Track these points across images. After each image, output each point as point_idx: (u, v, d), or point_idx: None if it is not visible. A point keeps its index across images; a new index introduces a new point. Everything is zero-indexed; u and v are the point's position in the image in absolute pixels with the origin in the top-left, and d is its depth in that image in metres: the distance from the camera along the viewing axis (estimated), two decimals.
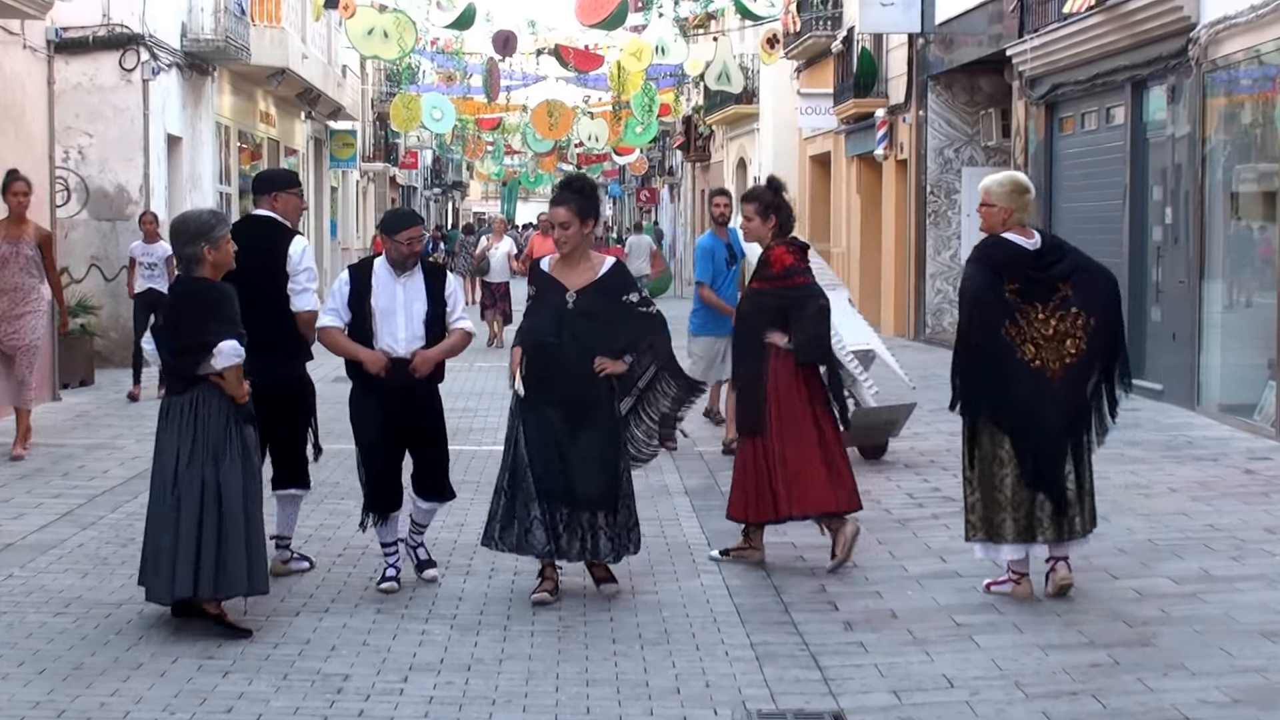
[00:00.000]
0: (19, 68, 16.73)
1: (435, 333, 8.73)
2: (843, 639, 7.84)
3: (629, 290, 8.56)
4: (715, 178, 50.13)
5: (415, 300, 8.69)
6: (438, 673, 7.24)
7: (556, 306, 8.45)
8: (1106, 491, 11.24)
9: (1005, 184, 8.50)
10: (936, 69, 25.80)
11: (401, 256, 8.65)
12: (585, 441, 8.38)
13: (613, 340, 8.44)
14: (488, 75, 34.92)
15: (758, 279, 9.48)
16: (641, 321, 8.58)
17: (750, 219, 9.47)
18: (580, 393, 8.37)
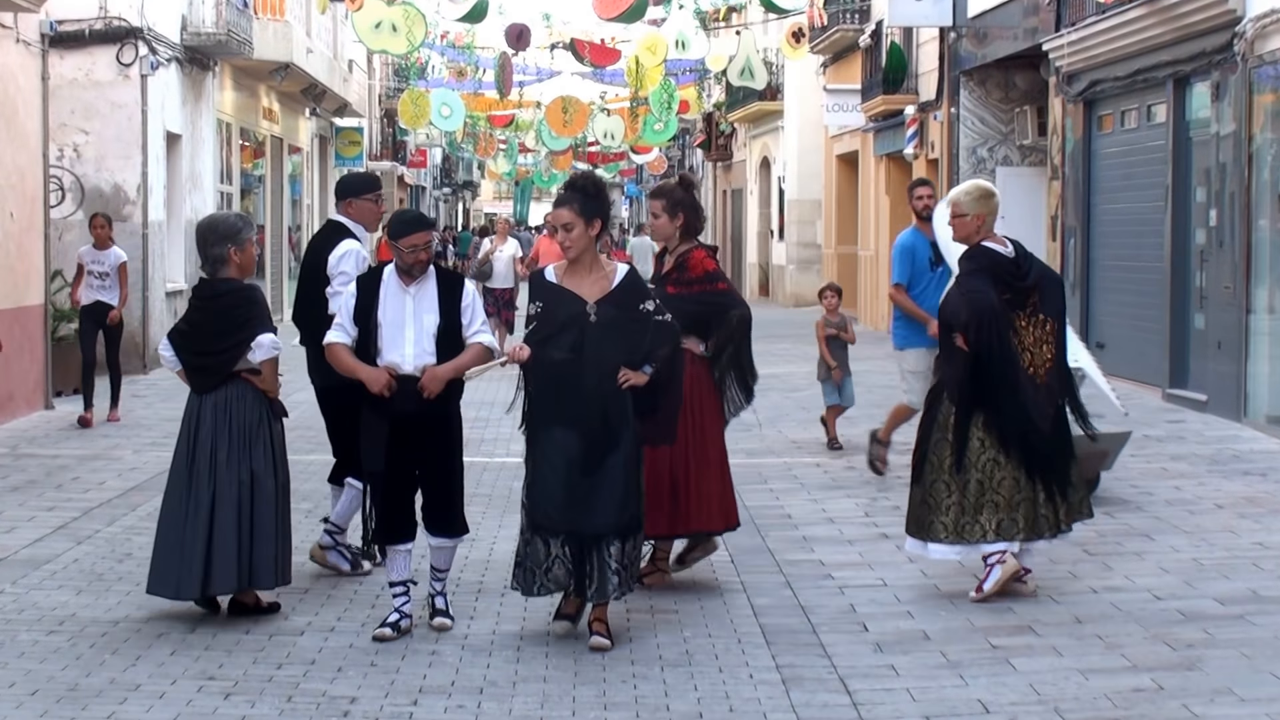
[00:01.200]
0: (12, 62, 16.76)
1: (449, 348, 8.19)
2: (873, 661, 7.81)
3: (645, 298, 8.22)
4: (737, 177, 50.19)
5: (426, 312, 8.19)
6: (449, 695, 7.22)
7: (576, 319, 8.03)
8: (1150, 507, 11.21)
9: (973, 192, 9.12)
10: (969, 64, 25.76)
11: (408, 265, 8.16)
12: (610, 465, 7.98)
13: (633, 352, 8.09)
14: (500, 70, 34.98)
15: (673, 283, 9.18)
16: (660, 331, 8.19)
17: (657, 216, 9.29)
18: (602, 412, 7.99)
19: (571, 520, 7.97)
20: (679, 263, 9.28)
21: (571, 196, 8.21)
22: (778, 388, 20.33)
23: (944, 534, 8.89)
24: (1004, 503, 8.78)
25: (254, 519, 8.41)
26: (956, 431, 8.86)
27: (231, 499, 8.37)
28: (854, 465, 13.84)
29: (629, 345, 8.08)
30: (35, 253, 17.57)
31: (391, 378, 8.09)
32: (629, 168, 68.27)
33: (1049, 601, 8.87)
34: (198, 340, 8.53)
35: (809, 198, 39.47)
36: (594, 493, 7.96)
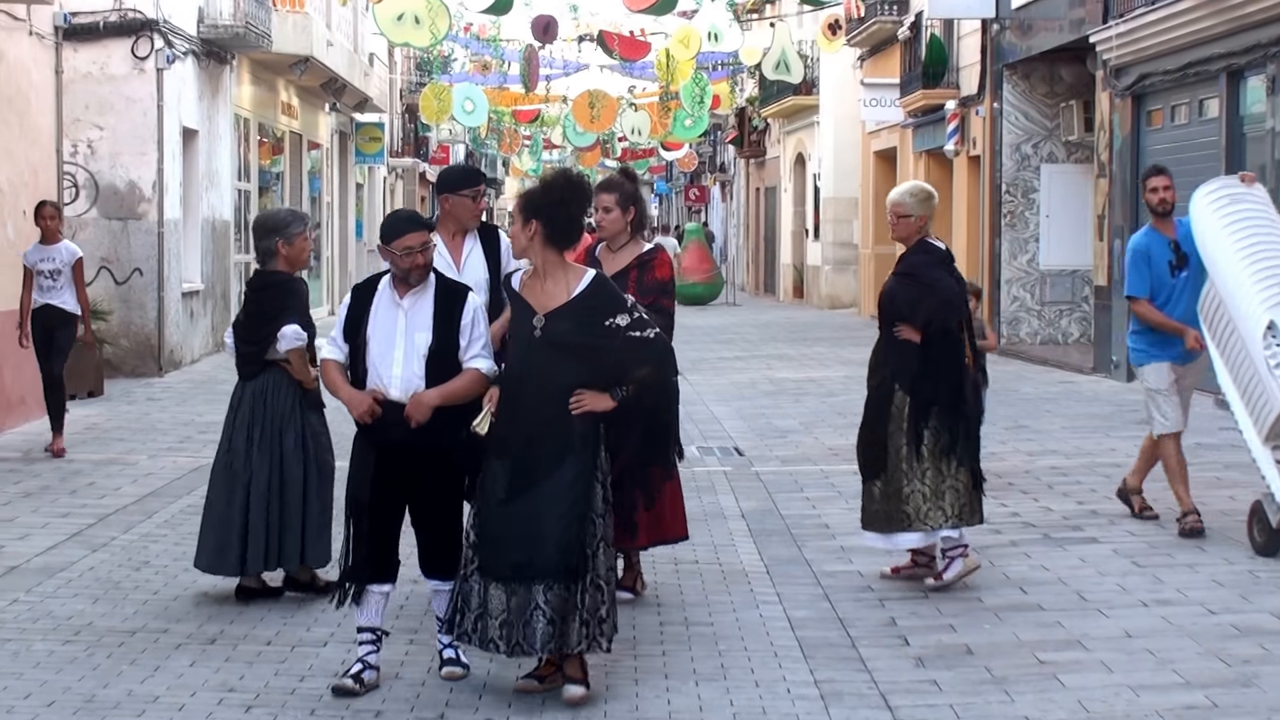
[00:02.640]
0: (24, 55, 16.84)
1: (443, 373, 7.49)
2: (914, 677, 7.80)
3: (615, 310, 7.25)
4: (770, 175, 50.18)
5: (419, 329, 7.52)
6: (475, 709, 7.24)
7: (522, 333, 7.28)
8: (1203, 518, 11.16)
9: (918, 193, 9.70)
10: (1013, 57, 25.72)
11: (402, 271, 7.52)
12: (541, 498, 7.14)
13: (597, 374, 7.22)
14: (526, 63, 35.06)
15: (636, 286, 8.85)
16: (637, 349, 7.25)
17: (609, 210, 9.10)
18: (539, 443, 7.16)
19: (487, 556, 7.22)
20: (643, 263, 9.08)
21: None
22: (814, 392, 20.34)
23: (908, 523, 9.31)
24: (963, 489, 9.34)
25: (282, 502, 9.06)
26: (912, 421, 9.30)
27: (262, 482, 9.05)
28: None
29: (590, 365, 7.19)
30: None
31: (376, 403, 7.47)
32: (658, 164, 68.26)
33: (1098, 615, 8.86)
34: (245, 329, 9.25)
35: (845, 196, 39.44)
36: (516, 527, 7.14)
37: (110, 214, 21.56)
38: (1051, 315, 26.11)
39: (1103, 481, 13.10)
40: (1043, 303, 26.10)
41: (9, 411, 16.17)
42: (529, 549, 7.11)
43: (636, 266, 9.05)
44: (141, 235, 21.49)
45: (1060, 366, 23.04)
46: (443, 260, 8.68)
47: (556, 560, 7.10)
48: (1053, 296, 26.04)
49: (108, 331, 20.55)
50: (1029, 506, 12.14)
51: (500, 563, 7.17)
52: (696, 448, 15.44)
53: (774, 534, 11.28)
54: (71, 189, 20.66)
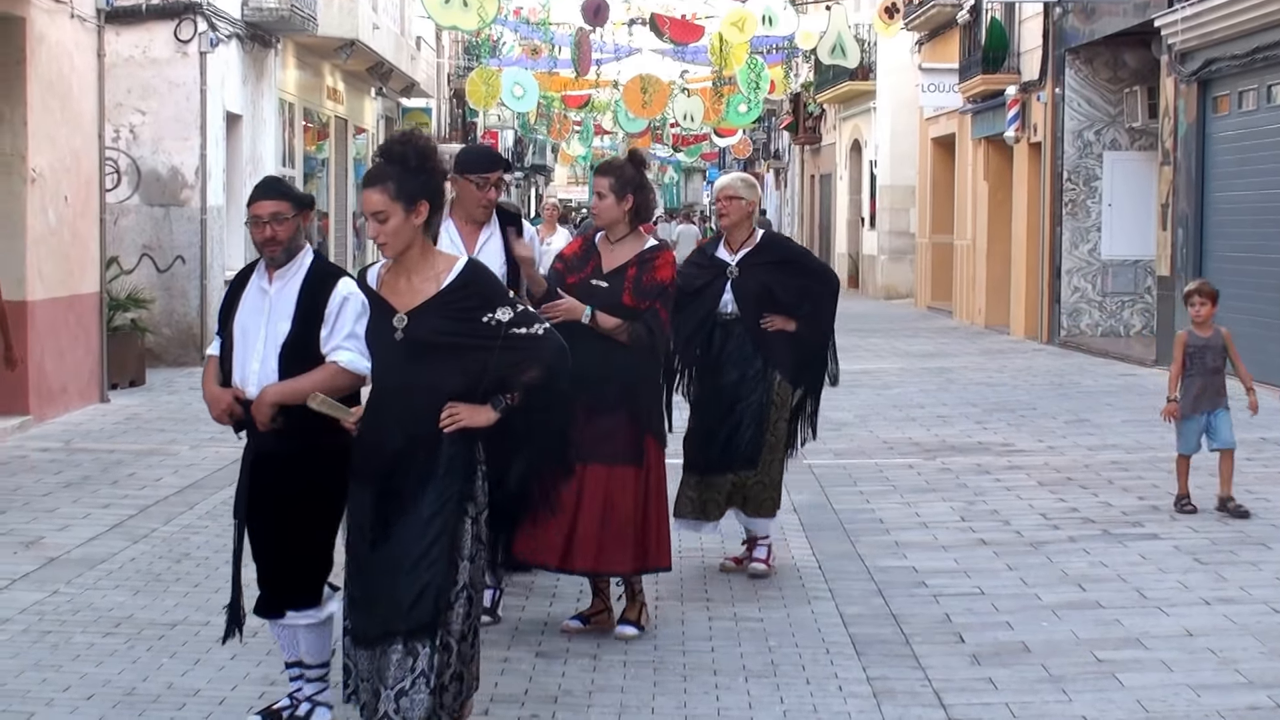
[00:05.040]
0: (66, 39, 16.94)
1: (304, 367, 6.56)
2: (969, 675, 7.79)
3: (494, 303, 6.13)
4: (826, 162, 50.11)
5: (281, 317, 6.65)
6: (522, 705, 7.26)
7: (384, 339, 6.19)
8: (1267, 514, 11.12)
9: (748, 179, 9.86)
10: (1075, 41, 25.62)
11: (256, 244, 6.73)
12: (396, 538, 6.05)
13: (472, 380, 6.11)
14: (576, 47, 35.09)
15: (633, 288, 8.27)
16: (520, 349, 6.13)
17: (602, 196, 8.36)
18: (402, 469, 6.08)
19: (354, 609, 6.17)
20: (643, 260, 8.35)
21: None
22: (868, 384, 20.31)
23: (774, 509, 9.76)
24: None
25: None
26: (798, 410, 9.86)
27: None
28: (949, 467, 13.81)
29: (464, 370, 6.09)
30: (90, 239, 17.75)
31: (235, 402, 6.66)
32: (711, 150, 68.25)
33: (1158, 613, 8.83)
34: None
35: (902, 184, 39.35)
36: (377, 575, 6.09)
37: (152, 200, 21.67)
38: (1113, 306, 26.01)
39: (1165, 477, 13.02)
40: (1104, 294, 26.00)
41: (50, 401, 16.29)
42: (387, 603, 6.01)
43: (635, 264, 8.34)
44: (184, 222, 21.60)
45: (1122, 359, 22.95)
46: (455, 248, 8.24)
47: (418, 616, 5.97)
48: (1115, 287, 25.94)
49: (149, 320, 20.67)
50: (1088, 501, 12.10)
51: (365, 618, 6.09)
52: None
53: (827, 529, 11.28)
54: (113, 175, 20.76)
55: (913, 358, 24.31)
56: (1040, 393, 19.30)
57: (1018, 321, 28.10)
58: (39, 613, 8.79)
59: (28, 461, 13.81)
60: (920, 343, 27.12)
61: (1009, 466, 13.79)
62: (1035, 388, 19.88)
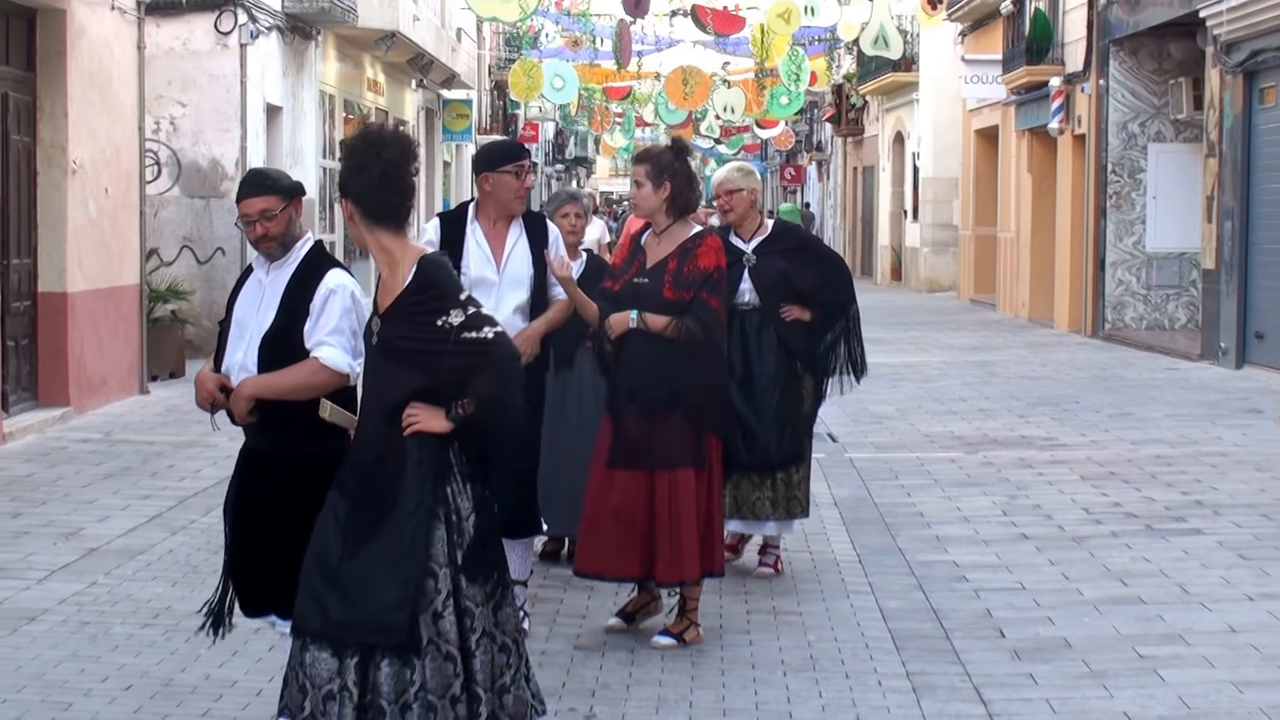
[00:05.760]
0: (107, 31, 17.01)
1: (286, 361, 6.37)
2: (1010, 670, 7.78)
3: (445, 306, 5.74)
4: (868, 154, 50.03)
5: (268, 309, 6.47)
6: (559, 698, 7.27)
7: (368, 342, 5.99)
8: None
9: (744, 168, 9.64)
10: (1120, 32, 25.51)
11: (251, 241, 6.61)
12: (374, 544, 5.75)
13: (434, 384, 5.77)
14: (618, 39, 35.03)
15: (673, 280, 8.00)
16: (467, 353, 5.70)
17: (640, 185, 8.11)
18: (371, 474, 5.80)
19: (325, 614, 5.77)
20: (684, 251, 8.08)
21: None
22: (910, 378, 20.28)
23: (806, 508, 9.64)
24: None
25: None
26: (814, 406, 9.65)
27: None
28: (991, 460, 13.77)
29: (426, 375, 5.76)
30: (130, 230, 17.83)
31: (218, 391, 6.51)
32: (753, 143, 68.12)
33: (1200, 609, 8.80)
34: None
35: (945, 175, 39.26)
36: (349, 585, 5.76)
37: (193, 192, 21.76)
38: (1158, 300, 25.89)
39: (1209, 471, 13.00)
40: (1149, 286, 25.89)
41: (91, 392, 16.36)
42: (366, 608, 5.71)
43: (677, 256, 8.06)
44: (224, 214, 21.65)
45: (1166, 353, 22.85)
46: (481, 253, 8.13)
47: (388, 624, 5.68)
48: (1159, 280, 25.82)
49: (189, 311, 20.75)
50: (1131, 496, 12.06)
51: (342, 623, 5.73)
52: None
53: (867, 522, 11.27)
54: (154, 167, 20.84)
55: (955, 351, 24.26)
56: (1084, 386, 19.24)
57: (1061, 315, 28.00)
58: (78, 603, 8.84)
59: (68, 453, 13.88)
60: (963, 336, 27.05)
61: (1051, 461, 13.75)
62: (1079, 381, 19.82)
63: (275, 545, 6.37)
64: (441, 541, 5.73)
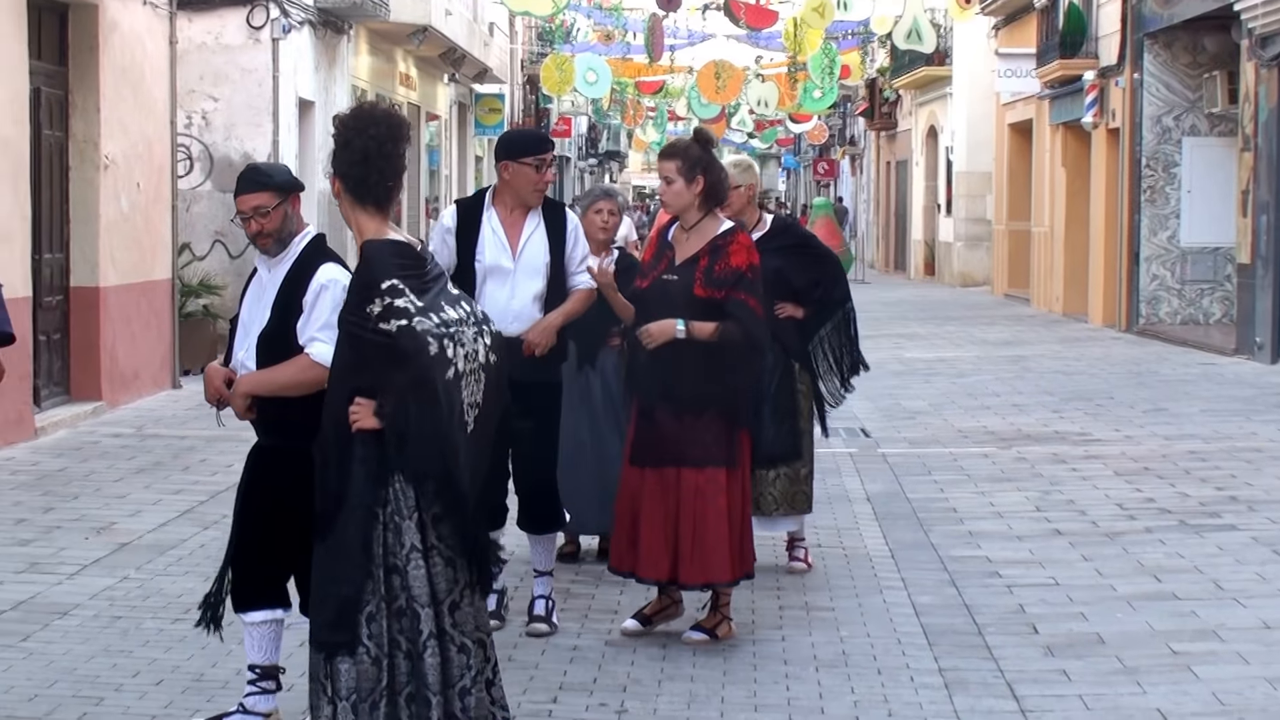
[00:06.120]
0: (139, 26, 17.05)
1: (278, 355, 6.32)
2: (1043, 666, 7.75)
3: (371, 294, 5.57)
4: (901, 148, 49.95)
5: (265, 305, 6.44)
6: (590, 693, 7.27)
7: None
8: None
9: (741, 163, 9.33)
10: (1154, 26, 25.41)
11: (249, 237, 6.55)
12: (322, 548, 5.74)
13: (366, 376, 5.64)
14: (650, 33, 35.04)
15: (704, 278, 7.87)
16: (379, 347, 5.58)
17: (670, 180, 7.94)
18: (323, 470, 5.74)
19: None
20: (715, 248, 7.93)
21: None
22: (944, 373, 20.26)
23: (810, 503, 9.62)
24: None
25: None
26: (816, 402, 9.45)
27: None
28: (1024, 456, 13.74)
29: (368, 367, 5.66)
30: (163, 225, 17.88)
31: (221, 386, 6.44)
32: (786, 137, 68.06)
33: (1235, 605, 8.76)
34: None
35: (979, 170, 39.17)
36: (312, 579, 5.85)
37: (225, 187, 21.74)
38: (1192, 294, 25.80)
39: (1243, 467, 12.95)
40: (1183, 281, 25.80)
41: (124, 387, 16.42)
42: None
43: (707, 253, 7.91)
44: None
45: (1201, 348, 22.77)
46: (496, 240, 8.07)
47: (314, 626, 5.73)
48: (1194, 275, 25.73)
49: (221, 306, 20.77)
50: (1165, 492, 12.01)
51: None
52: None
53: (900, 517, 11.25)
54: (185, 161, 20.88)
55: (989, 345, 24.21)
56: (1118, 381, 19.18)
57: (1095, 309, 27.92)
58: (109, 598, 8.87)
59: (100, 447, 13.92)
60: (996, 330, 26.99)
61: (1085, 456, 13.71)
62: (1113, 376, 19.75)
63: (279, 541, 6.39)
64: (378, 542, 5.57)
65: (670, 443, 7.85)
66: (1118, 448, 14.10)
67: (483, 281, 8.08)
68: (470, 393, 5.62)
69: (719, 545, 7.86)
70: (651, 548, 7.87)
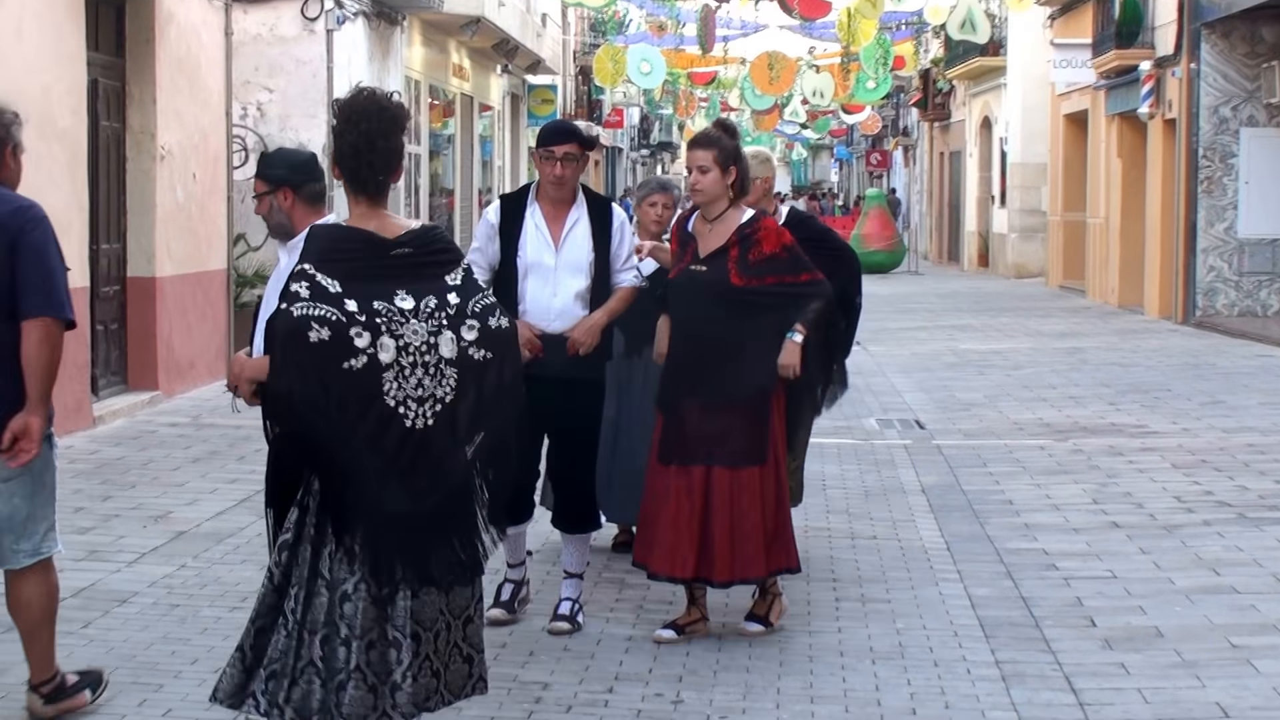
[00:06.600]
0: (195, 18, 17.13)
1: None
2: (1101, 659, 7.73)
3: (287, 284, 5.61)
4: (955, 139, 49.77)
5: (274, 294, 6.29)
6: (646, 684, 7.28)
7: None
8: None
9: (758, 155, 9.05)
10: (1211, 15, 25.26)
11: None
12: None
13: None
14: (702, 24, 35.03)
15: (739, 268, 7.80)
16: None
17: (705, 170, 7.83)
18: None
19: None
20: (744, 236, 7.85)
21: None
22: (999, 365, 20.19)
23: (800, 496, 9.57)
24: None
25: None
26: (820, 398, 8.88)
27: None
28: (1081, 448, 13.69)
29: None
30: (218, 216, 17.97)
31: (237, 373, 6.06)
32: (839, 128, 67.95)
33: None
34: None
35: (1033, 161, 39.01)
36: None
37: None
38: (1250, 286, 25.66)
39: None
40: (1241, 273, 25.66)
41: (180, 377, 16.51)
42: None
43: (736, 243, 7.83)
44: None
45: (1259, 339, 22.64)
46: (540, 237, 7.97)
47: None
48: (1251, 266, 25.58)
49: None
50: (1224, 485, 11.95)
51: None
52: (876, 420, 15.42)
53: (955, 510, 11.23)
54: (241, 152, 20.96)
55: (1044, 337, 24.12)
56: (1174, 374, 19.08)
57: (1151, 301, 27.78)
58: (168, 586, 8.93)
59: (156, 436, 14.00)
60: (1052, 322, 26.89)
61: (1142, 448, 13.65)
62: (1169, 368, 19.66)
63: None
64: (293, 520, 5.60)
65: (699, 441, 7.78)
66: (1175, 440, 14.03)
67: (524, 278, 7.95)
68: (417, 385, 5.46)
69: (750, 543, 7.81)
70: (677, 546, 7.77)
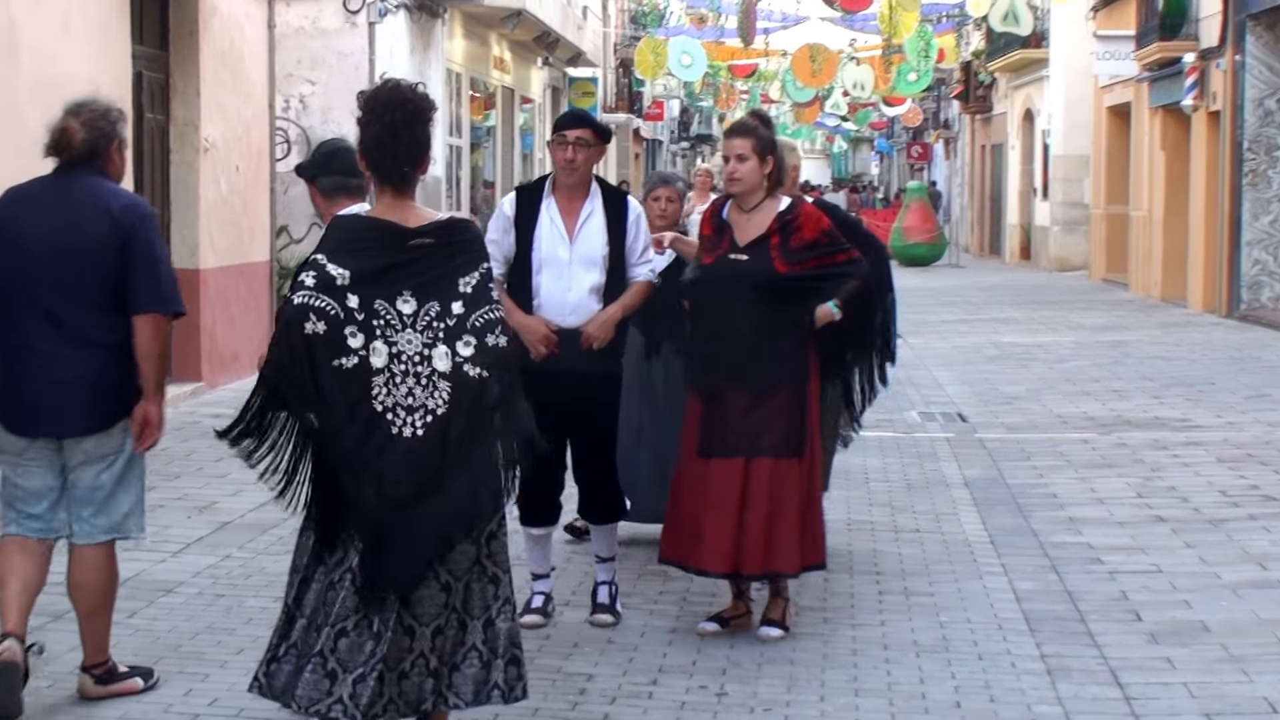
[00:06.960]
0: (238, 11, 17.19)
1: None
2: (1147, 653, 7.70)
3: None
4: (997, 132, 49.65)
5: None
6: (690, 676, 7.28)
7: None
8: None
9: (788, 144, 8.99)
10: (1256, 7, 25.14)
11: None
12: None
13: None
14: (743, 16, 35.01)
15: (783, 255, 7.78)
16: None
17: (744, 158, 7.81)
18: None
19: None
20: (784, 224, 7.84)
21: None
22: (1041, 358, 20.13)
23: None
24: None
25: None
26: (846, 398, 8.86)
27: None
28: (1125, 442, 13.64)
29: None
30: (261, 207, 18.03)
31: None
32: (880, 120, 67.83)
33: None
34: None
35: (1076, 153, 38.87)
36: None
37: None
38: None
39: None
40: None
41: (223, 368, 16.56)
42: None
43: (778, 230, 7.82)
44: None
45: None
46: (555, 230, 7.91)
47: None
48: None
49: None
50: (1270, 479, 11.90)
51: None
52: (918, 413, 15.40)
53: (999, 503, 11.20)
54: (283, 145, 21.03)
55: (1087, 331, 24.04)
56: (1219, 367, 19.00)
57: (1195, 295, 27.66)
58: (212, 576, 8.97)
59: (200, 427, 14.03)
60: (1095, 316, 26.80)
61: (1187, 442, 13.59)
62: (1214, 362, 19.57)
63: None
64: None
65: (743, 432, 7.73)
66: (1220, 434, 13.97)
67: (538, 271, 7.88)
68: (408, 394, 5.52)
69: (786, 537, 7.76)
70: (718, 540, 7.72)
